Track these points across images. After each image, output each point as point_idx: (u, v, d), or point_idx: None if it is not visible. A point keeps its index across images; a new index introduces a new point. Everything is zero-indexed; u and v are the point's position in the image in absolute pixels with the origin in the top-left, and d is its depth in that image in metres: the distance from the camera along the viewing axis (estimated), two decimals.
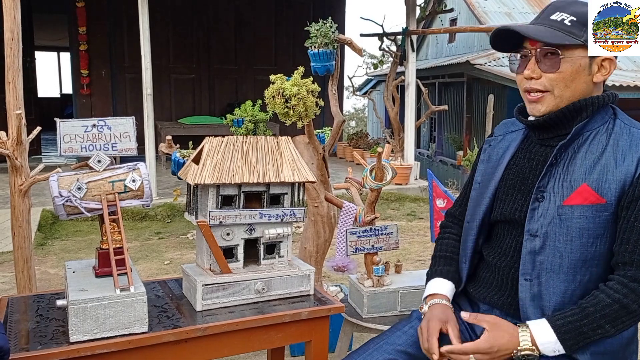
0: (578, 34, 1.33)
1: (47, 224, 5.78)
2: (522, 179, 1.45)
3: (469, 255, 1.55)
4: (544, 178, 1.38)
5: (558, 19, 1.34)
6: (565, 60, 1.33)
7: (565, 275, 1.34)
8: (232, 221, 1.64)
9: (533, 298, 1.36)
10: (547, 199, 1.36)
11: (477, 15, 12.04)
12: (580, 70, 1.34)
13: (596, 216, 1.31)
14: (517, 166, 1.48)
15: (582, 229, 1.32)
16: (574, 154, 1.36)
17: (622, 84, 9.04)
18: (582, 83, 1.36)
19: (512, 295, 1.43)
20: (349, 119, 22.08)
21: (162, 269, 4.53)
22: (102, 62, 9.30)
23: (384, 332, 1.56)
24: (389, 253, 2.91)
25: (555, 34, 1.33)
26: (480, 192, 1.54)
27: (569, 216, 1.33)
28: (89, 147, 1.68)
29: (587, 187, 1.32)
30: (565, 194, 1.34)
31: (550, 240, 1.34)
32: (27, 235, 2.52)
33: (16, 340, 1.40)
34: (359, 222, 2.25)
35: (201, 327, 1.51)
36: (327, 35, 2.54)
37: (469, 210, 1.57)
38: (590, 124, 1.37)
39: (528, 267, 1.37)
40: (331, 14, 4.53)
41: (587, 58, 1.34)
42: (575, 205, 1.32)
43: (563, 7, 1.36)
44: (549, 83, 1.36)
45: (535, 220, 1.37)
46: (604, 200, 1.30)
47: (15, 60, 2.44)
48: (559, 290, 1.34)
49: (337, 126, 2.78)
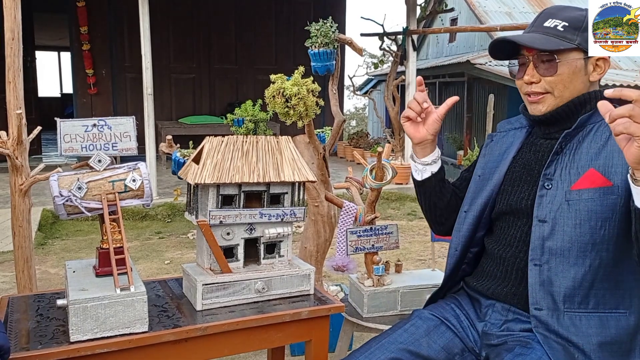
0: (571, 38, 1.39)
1: (47, 224, 5.78)
2: (528, 170, 1.48)
3: (462, 242, 1.57)
4: (550, 166, 1.41)
5: (551, 26, 1.42)
6: (562, 63, 1.39)
7: (575, 259, 1.35)
8: (232, 221, 1.64)
9: (542, 283, 1.37)
10: (554, 186, 1.38)
11: (478, 14, 12.02)
12: (577, 71, 1.41)
13: (604, 199, 1.32)
14: (523, 159, 1.52)
15: (590, 211, 1.33)
16: (579, 144, 1.40)
17: (622, 83, 9.02)
18: (580, 83, 1.42)
19: (517, 285, 1.44)
20: (349, 118, 22.07)
21: (162, 269, 4.53)
22: (103, 61, 9.31)
23: (385, 330, 1.56)
24: (389, 252, 2.91)
25: (550, 40, 1.40)
26: (480, 184, 1.57)
27: (576, 200, 1.35)
28: (89, 146, 1.68)
29: (594, 171, 1.34)
30: (573, 180, 1.36)
31: (559, 226, 1.36)
32: (27, 235, 2.52)
33: (16, 340, 1.40)
34: (359, 222, 2.25)
35: (201, 327, 1.51)
36: (328, 35, 2.54)
37: (467, 200, 1.59)
38: (593, 117, 1.41)
39: (537, 252, 1.38)
40: (331, 13, 4.53)
41: (582, 59, 1.40)
42: (583, 189, 1.34)
43: (555, 14, 1.44)
44: (548, 85, 1.42)
45: (544, 206, 1.39)
46: (611, 183, 1.32)
47: (16, 60, 2.44)
48: (569, 274, 1.35)
49: (338, 126, 2.78)
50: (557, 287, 1.36)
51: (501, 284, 1.48)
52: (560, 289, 1.35)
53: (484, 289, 1.52)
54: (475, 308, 1.56)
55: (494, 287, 1.49)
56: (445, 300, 1.62)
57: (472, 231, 1.56)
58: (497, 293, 1.49)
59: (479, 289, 1.54)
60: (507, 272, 1.47)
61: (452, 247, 1.61)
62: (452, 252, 1.60)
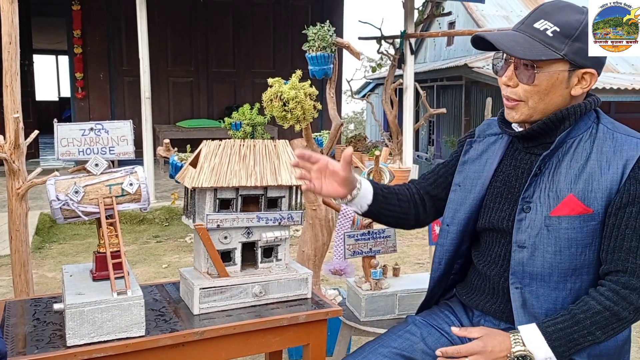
0: (558, 47, 1.28)
1: (44, 228, 5.77)
2: (508, 187, 1.44)
3: (447, 257, 1.53)
4: (529, 189, 1.37)
5: (541, 29, 1.30)
6: (541, 74, 1.30)
7: (556, 283, 1.33)
8: (229, 224, 1.64)
9: (524, 306, 1.36)
10: (533, 210, 1.35)
11: (475, 18, 12.06)
12: (557, 84, 1.32)
13: (584, 226, 1.30)
14: (504, 173, 1.46)
15: (570, 239, 1.31)
16: (558, 163, 1.35)
17: (619, 87, 9.06)
18: (558, 96, 1.33)
19: (504, 302, 1.43)
20: (347, 122, 22.09)
21: (159, 273, 4.52)
22: (100, 65, 9.29)
23: (379, 336, 1.55)
24: (387, 256, 2.91)
25: (533, 46, 1.29)
26: (461, 196, 1.51)
27: (556, 227, 1.32)
28: (86, 150, 1.68)
29: (573, 198, 1.31)
30: (552, 204, 1.32)
31: (539, 252, 1.34)
32: (24, 239, 2.52)
33: (13, 344, 1.40)
34: (356, 225, 2.25)
35: (198, 331, 1.51)
36: (325, 39, 2.55)
37: (448, 212, 1.54)
38: (573, 132, 1.36)
39: (518, 276, 1.37)
40: (329, 17, 4.54)
41: (566, 71, 1.31)
42: (563, 216, 1.31)
43: (549, 15, 1.32)
44: (523, 94, 1.34)
45: (523, 231, 1.36)
46: (591, 210, 1.30)
47: (13, 64, 2.44)
48: (550, 298, 1.34)
49: (335, 129, 2.78)
50: (538, 310, 1.35)
51: (489, 301, 1.47)
52: (542, 311, 1.35)
53: (474, 304, 1.52)
54: (468, 315, 1.55)
55: (483, 304, 1.49)
56: (439, 307, 1.61)
57: (456, 245, 1.52)
58: (486, 309, 1.48)
59: (470, 303, 1.54)
60: (494, 290, 1.46)
61: (435, 261, 1.57)
62: (436, 266, 1.56)
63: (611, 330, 1.28)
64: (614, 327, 1.28)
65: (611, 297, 1.27)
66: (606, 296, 1.27)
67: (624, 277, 1.27)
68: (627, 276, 1.27)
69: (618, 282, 1.27)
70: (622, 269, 1.28)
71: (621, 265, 1.28)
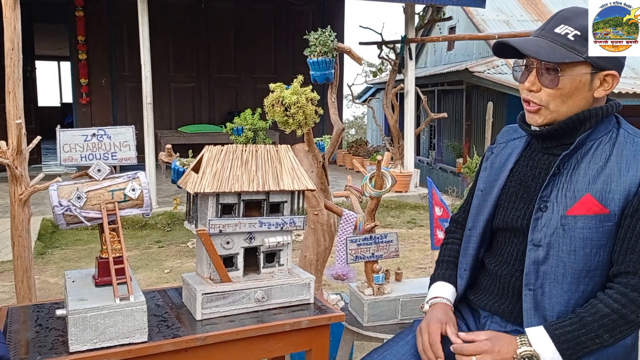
0: (580, 50, 1.31)
1: (47, 233, 5.78)
2: (524, 187, 1.45)
3: (470, 262, 1.55)
4: (547, 188, 1.37)
5: (562, 33, 1.33)
6: (565, 78, 1.32)
7: (569, 285, 1.34)
8: (231, 230, 1.64)
9: (536, 308, 1.36)
10: (550, 209, 1.36)
11: (476, 23, 12.07)
12: (580, 86, 1.34)
13: (599, 226, 1.31)
14: (520, 174, 1.48)
15: (585, 239, 1.31)
16: (577, 164, 1.36)
17: (620, 91, 9.06)
18: (582, 99, 1.35)
19: (513, 303, 1.43)
20: (348, 126, 22.12)
21: (162, 278, 4.52)
22: (102, 71, 9.32)
23: (387, 342, 1.55)
24: (389, 261, 2.91)
25: (556, 50, 1.32)
26: (482, 199, 1.54)
27: (572, 226, 1.32)
28: (88, 156, 1.68)
29: (590, 197, 1.31)
30: (569, 204, 1.33)
31: (553, 251, 1.34)
32: (26, 245, 2.52)
33: (16, 350, 1.40)
34: (358, 230, 2.25)
35: (201, 337, 1.50)
36: (326, 44, 2.55)
37: (471, 217, 1.57)
38: (593, 134, 1.37)
39: (532, 277, 1.37)
40: (330, 22, 4.56)
41: (589, 74, 1.33)
42: (579, 216, 1.32)
43: (569, 19, 1.34)
44: (545, 98, 1.36)
45: (539, 230, 1.36)
46: (608, 210, 1.30)
47: (16, 70, 2.45)
48: (562, 300, 1.34)
49: (337, 134, 2.78)
50: (550, 312, 1.35)
51: (498, 301, 1.48)
52: (554, 313, 1.35)
53: (482, 304, 1.52)
54: (474, 318, 1.56)
55: (491, 304, 1.49)
56: None
57: (477, 249, 1.54)
58: (494, 309, 1.48)
59: (477, 303, 1.54)
60: (504, 289, 1.46)
61: (461, 268, 1.58)
62: (462, 272, 1.57)
63: (619, 333, 1.28)
64: (622, 330, 1.28)
65: (619, 299, 1.27)
66: (614, 299, 1.27)
67: (634, 279, 1.27)
68: (636, 278, 1.27)
69: (627, 285, 1.28)
70: (633, 271, 1.28)
71: (632, 267, 1.28)
